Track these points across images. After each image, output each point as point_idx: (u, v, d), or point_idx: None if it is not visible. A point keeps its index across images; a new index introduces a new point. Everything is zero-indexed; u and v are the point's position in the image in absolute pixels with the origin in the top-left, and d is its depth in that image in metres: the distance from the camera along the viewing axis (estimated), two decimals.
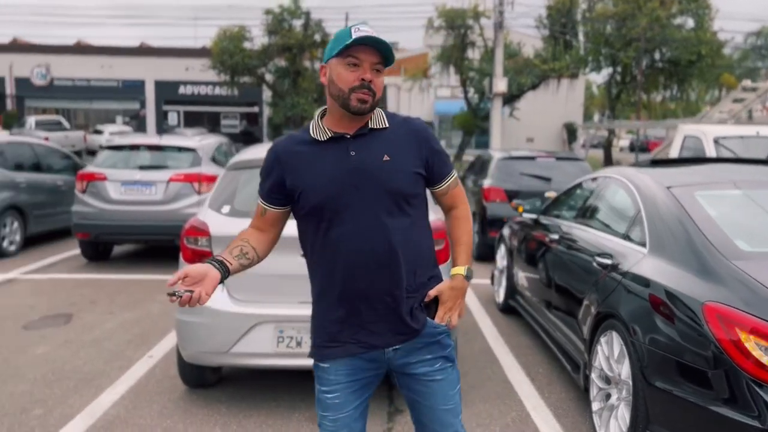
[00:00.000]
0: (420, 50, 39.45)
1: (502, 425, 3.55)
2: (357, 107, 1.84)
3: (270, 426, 3.50)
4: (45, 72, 36.90)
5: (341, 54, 1.84)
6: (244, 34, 29.58)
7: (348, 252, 1.87)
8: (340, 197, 1.86)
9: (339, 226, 1.87)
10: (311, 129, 1.94)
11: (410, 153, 1.93)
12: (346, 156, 1.88)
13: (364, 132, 1.91)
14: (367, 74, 1.83)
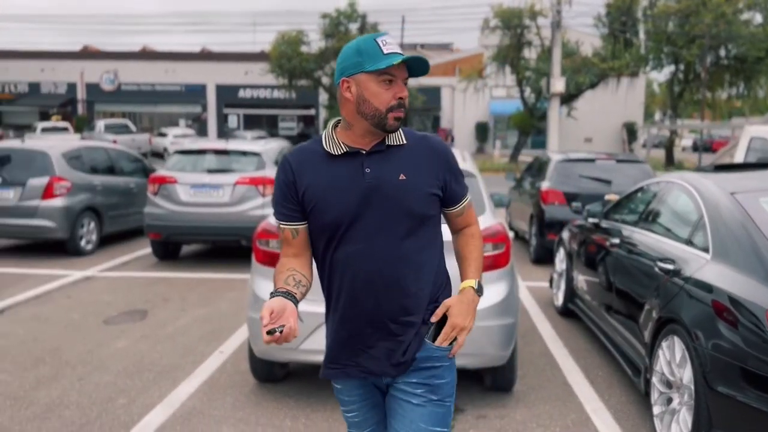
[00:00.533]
0: (475, 50, 39.27)
1: (563, 426, 3.62)
2: (393, 126, 1.77)
3: (336, 420, 3.67)
4: (113, 77, 38.52)
5: (375, 72, 1.74)
6: (302, 38, 30.16)
7: (356, 272, 1.80)
8: (352, 215, 1.79)
9: (349, 244, 1.80)
10: (324, 141, 1.85)
11: (427, 172, 1.84)
12: (361, 173, 1.79)
13: (381, 149, 1.82)
14: (404, 91, 1.78)
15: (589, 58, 26.41)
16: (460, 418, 3.69)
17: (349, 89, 1.78)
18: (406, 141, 1.86)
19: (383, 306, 1.80)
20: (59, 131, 30.62)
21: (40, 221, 8.00)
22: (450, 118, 38.90)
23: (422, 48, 47.92)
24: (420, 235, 1.83)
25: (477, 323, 3.56)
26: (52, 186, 8.04)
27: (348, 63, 1.78)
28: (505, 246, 3.76)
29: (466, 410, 3.80)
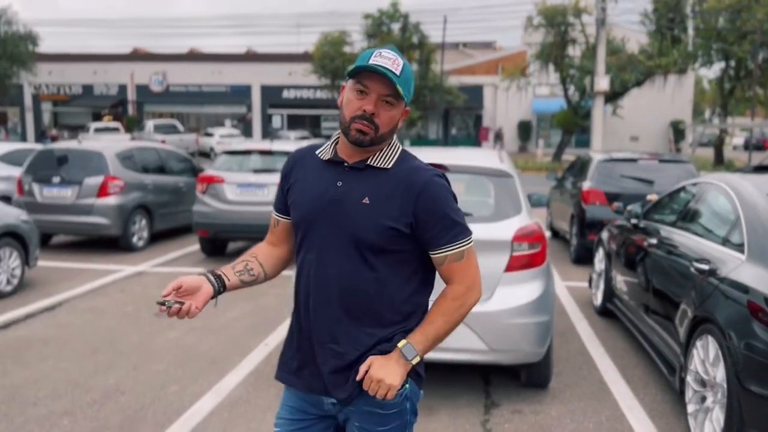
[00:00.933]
0: (518, 48, 38.95)
1: (596, 423, 3.69)
2: (354, 137, 1.68)
3: None
4: (162, 79, 39.57)
5: (353, 78, 1.70)
6: (345, 38, 30.47)
7: (308, 280, 1.76)
8: (314, 223, 1.75)
9: (308, 251, 1.77)
10: (324, 145, 1.84)
11: (395, 205, 1.69)
12: (333, 184, 1.74)
13: (360, 166, 1.74)
14: (370, 106, 1.66)
15: (635, 56, 25.94)
16: (496, 413, 3.79)
17: (342, 95, 1.75)
18: (391, 166, 1.74)
19: (322, 323, 1.74)
20: (111, 131, 31.69)
21: (96, 218, 8.39)
22: (492, 116, 38.68)
23: (464, 47, 47.75)
24: (372, 265, 1.71)
25: (513, 320, 3.69)
26: (107, 185, 8.42)
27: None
28: (541, 245, 3.84)
29: (501, 405, 3.90)
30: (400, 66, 1.67)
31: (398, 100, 1.69)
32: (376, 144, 1.71)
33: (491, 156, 4.54)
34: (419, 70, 30.70)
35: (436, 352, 3.71)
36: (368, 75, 1.66)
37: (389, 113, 1.69)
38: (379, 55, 1.67)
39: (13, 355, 4.73)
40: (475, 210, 4.10)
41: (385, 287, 1.72)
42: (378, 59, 1.66)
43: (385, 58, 1.67)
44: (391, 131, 1.72)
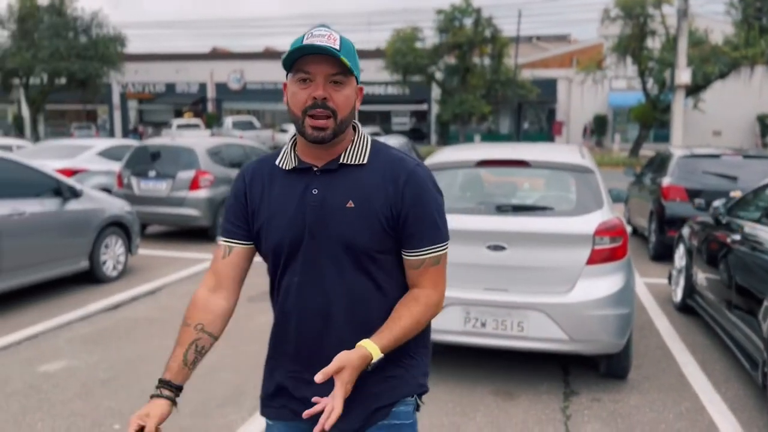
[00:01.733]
0: (593, 41, 38.01)
1: (676, 413, 3.77)
2: (312, 135, 1.49)
3: (457, 395, 4.01)
4: (239, 77, 40.94)
5: (291, 69, 1.51)
6: (417, 34, 30.65)
7: (293, 307, 1.59)
8: (294, 242, 1.56)
9: (290, 275, 1.59)
10: (280, 155, 1.63)
11: (382, 200, 1.53)
12: (308, 194, 1.55)
13: (333, 167, 1.56)
14: (319, 90, 1.47)
15: (719, 47, 24.90)
16: (575, 400, 3.93)
17: (286, 94, 1.56)
18: (367, 161, 1.57)
19: (316, 351, 1.57)
20: (192, 128, 33.11)
21: (188, 210, 8.95)
22: (566, 110, 37.96)
23: (538, 40, 46.98)
24: (370, 273, 1.56)
25: (594, 312, 3.81)
26: (198, 179, 8.96)
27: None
28: (623, 239, 3.93)
29: (580, 393, 4.02)
30: (337, 40, 1.48)
31: (347, 76, 1.50)
32: (338, 135, 1.52)
33: (572, 151, 4.64)
34: (491, 64, 30.52)
35: (517, 341, 3.90)
36: (307, 60, 1.47)
37: (343, 93, 1.50)
38: (311, 36, 1.48)
39: (124, 334, 5.20)
40: (557, 204, 4.23)
41: (386, 296, 1.59)
42: (311, 39, 1.47)
43: (318, 36, 1.48)
44: (350, 114, 1.53)
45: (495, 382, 4.18)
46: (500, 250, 3.92)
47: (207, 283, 1.66)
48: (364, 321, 1.57)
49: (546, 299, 3.85)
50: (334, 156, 1.57)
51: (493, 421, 3.65)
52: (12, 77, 35.24)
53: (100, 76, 35.83)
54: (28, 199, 5.89)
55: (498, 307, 3.91)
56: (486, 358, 4.51)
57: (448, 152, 4.88)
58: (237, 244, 1.64)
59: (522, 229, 3.94)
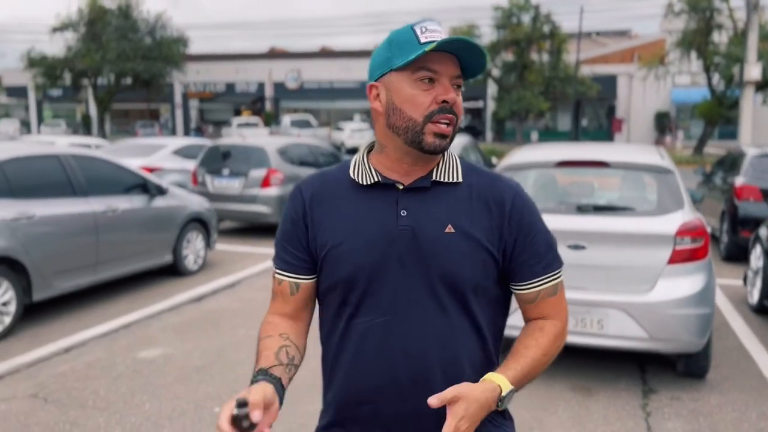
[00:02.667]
0: (656, 36, 37.05)
1: (759, 413, 3.78)
2: (434, 144, 1.28)
3: (536, 390, 4.12)
4: (297, 76, 41.67)
5: (408, 66, 1.27)
6: (473, 31, 30.56)
7: (376, 355, 1.31)
8: (377, 273, 1.30)
9: (368, 314, 1.32)
10: (352, 167, 1.38)
11: (487, 228, 1.32)
12: (393, 215, 1.31)
13: (425, 185, 1.33)
14: (450, 93, 1.27)
15: None
16: (654, 398, 3.98)
17: (378, 97, 1.33)
18: (462, 179, 1.35)
19: (406, 408, 1.31)
20: (251, 126, 33.92)
21: (259, 207, 9.29)
22: (626, 107, 37.15)
23: (598, 35, 46.07)
24: (471, 311, 1.33)
25: (674, 311, 3.85)
26: (269, 177, 9.29)
27: (377, 61, 1.33)
28: (704, 240, 3.96)
29: (659, 391, 4.08)
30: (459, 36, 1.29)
31: (465, 80, 1.33)
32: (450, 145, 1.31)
33: (651, 152, 4.67)
34: (550, 60, 30.16)
35: (596, 338, 3.98)
36: (432, 57, 1.26)
37: (461, 99, 1.32)
38: (427, 30, 1.27)
39: (211, 324, 5.51)
40: (637, 204, 4.29)
41: (484, 344, 1.36)
42: (432, 35, 1.26)
43: (435, 30, 1.28)
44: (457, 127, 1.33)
45: (573, 379, 4.27)
46: (580, 250, 4.01)
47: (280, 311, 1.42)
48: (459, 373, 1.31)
49: (626, 298, 3.92)
50: (423, 172, 1.33)
51: (574, 416, 3.75)
52: (81, 78, 36.90)
53: (164, 76, 37.13)
54: (119, 196, 6.28)
55: (577, 305, 3.99)
56: (563, 355, 4.58)
57: (526, 152, 4.96)
58: (304, 279, 1.39)
59: (602, 229, 4.02)
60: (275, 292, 1.43)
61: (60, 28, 35.89)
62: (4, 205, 5.08)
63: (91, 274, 5.87)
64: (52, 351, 4.76)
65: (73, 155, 5.99)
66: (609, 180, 5.04)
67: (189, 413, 3.77)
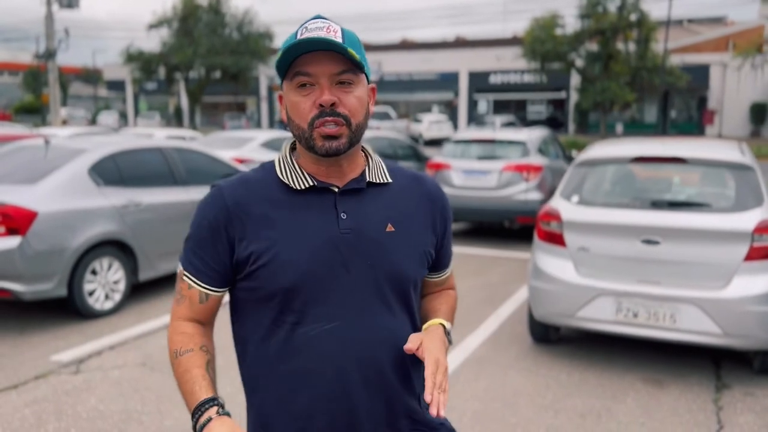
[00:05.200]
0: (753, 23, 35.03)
1: None
2: (324, 146, 1.25)
3: (606, 380, 4.23)
4: (377, 68, 42.09)
5: (288, 73, 1.27)
6: (557, 21, 29.93)
7: (323, 362, 1.28)
8: (322, 280, 1.28)
9: (315, 321, 1.28)
10: (280, 169, 1.34)
11: (422, 224, 1.39)
12: (333, 219, 1.30)
13: (361, 186, 1.34)
14: (326, 95, 1.23)
15: None
16: (727, 393, 4.01)
17: (283, 105, 1.33)
18: (390, 179, 1.38)
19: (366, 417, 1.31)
20: None
21: None
22: (719, 98, 35.38)
23: (690, 23, 44.00)
24: (410, 308, 1.38)
25: (751, 308, 3.88)
26: None
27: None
28: None
29: (732, 387, 4.10)
30: (338, 31, 1.25)
31: (357, 74, 1.27)
32: (354, 143, 1.29)
33: (731, 148, 4.65)
34: (637, 50, 29.16)
35: (668, 332, 4.05)
36: (305, 59, 1.24)
37: (354, 95, 1.26)
38: (306, 30, 1.25)
39: None
40: (714, 201, 4.30)
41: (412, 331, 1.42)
42: (307, 34, 1.24)
43: (315, 29, 1.24)
44: (366, 119, 1.30)
45: (644, 371, 4.35)
46: (654, 245, 4.08)
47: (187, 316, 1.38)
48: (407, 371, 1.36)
49: (700, 293, 3.96)
50: (352, 175, 1.34)
51: (643, 405, 3.85)
52: (174, 72, 38.75)
53: (250, 70, 38.44)
54: None
55: (651, 299, 4.07)
56: (635, 347, 4.67)
57: (602, 148, 5.03)
58: (214, 292, 1.35)
59: (677, 224, 4.07)
60: (183, 294, 1.37)
61: (156, 25, 37.82)
62: (115, 193, 5.64)
63: None
64: (156, 326, 5.27)
65: (174, 148, 6.52)
66: (687, 176, 5.03)
67: None
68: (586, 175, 4.69)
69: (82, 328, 5.22)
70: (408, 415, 1.37)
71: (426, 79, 41.33)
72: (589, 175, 4.69)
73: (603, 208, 4.37)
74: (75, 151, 5.71)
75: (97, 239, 5.37)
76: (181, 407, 3.81)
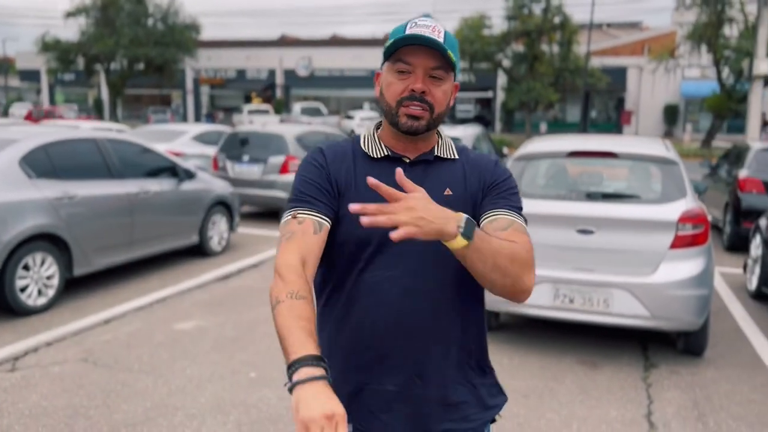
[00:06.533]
0: (666, 29, 37.06)
1: (751, 386, 4.11)
2: (406, 125, 1.44)
3: (546, 362, 4.46)
4: (308, 64, 41.88)
5: (391, 57, 1.45)
6: (484, 22, 30.68)
7: (381, 305, 1.46)
8: (386, 233, 1.35)
9: (377, 269, 1.46)
10: (363, 141, 1.55)
11: (474, 187, 1.53)
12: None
13: (429, 158, 1.53)
14: (418, 83, 1.42)
15: None
16: (655, 372, 4.32)
17: (379, 83, 1.52)
18: (458, 156, 1.57)
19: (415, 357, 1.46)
20: (262, 113, 34.17)
21: (278, 192, 9.62)
22: (635, 100, 37.24)
23: (609, 27, 46.03)
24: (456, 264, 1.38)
25: (675, 292, 4.18)
26: (288, 163, 9.61)
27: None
28: (704, 226, 4.27)
29: (659, 366, 4.41)
30: (441, 32, 1.44)
31: (448, 72, 1.45)
32: (431, 129, 1.48)
33: (657, 144, 4.98)
34: (560, 51, 30.29)
35: (602, 316, 4.31)
36: (408, 50, 1.42)
37: (441, 88, 1.45)
38: (415, 25, 1.43)
39: (239, 300, 5.86)
40: (642, 193, 4.60)
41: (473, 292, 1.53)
42: (415, 29, 1.42)
43: (423, 26, 1.43)
44: (446, 110, 1.50)
45: (580, 354, 4.61)
46: (589, 234, 4.33)
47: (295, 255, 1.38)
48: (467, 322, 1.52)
49: (631, 279, 4.24)
50: (426, 149, 1.53)
51: (581, 386, 4.09)
52: (94, 63, 37.21)
53: (176, 62, 37.41)
54: (151, 179, 6.63)
55: (585, 285, 4.32)
56: (571, 331, 4.93)
57: (538, 143, 5.27)
58: (326, 221, 1.45)
59: (610, 215, 4.34)
60: (293, 231, 1.41)
61: (74, 13, 36.19)
62: (48, 186, 5.43)
63: (126, 252, 6.24)
64: (93, 322, 5.13)
65: (108, 139, 6.33)
66: (617, 170, 5.35)
67: (227, 377, 4.13)
68: (524, 169, 4.91)
69: (15, 325, 5.02)
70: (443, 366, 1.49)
71: (357, 76, 41.42)
72: (527, 169, 4.91)
73: (541, 200, 4.59)
74: (4, 141, 5.46)
75: (29, 233, 5.16)
76: (129, 400, 3.75)
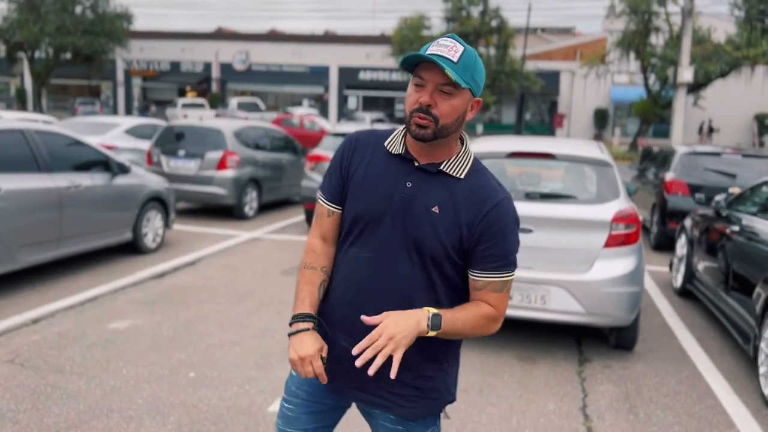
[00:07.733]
0: (598, 35, 38.42)
1: (677, 379, 4.32)
2: (415, 132, 1.63)
3: (485, 358, 4.54)
4: (245, 58, 41.15)
5: (412, 71, 1.65)
6: (424, 22, 31.00)
7: (358, 281, 1.71)
8: (377, 221, 1.70)
9: (360, 248, 1.72)
10: (392, 136, 1.78)
11: (461, 217, 1.65)
12: (402, 183, 1.69)
13: (432, 170, 1.69)
14: (425, 97, 1.60)
15: (722, 46, 25.40)
16: (588, 366, 4.47)
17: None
18: (463, 177, 1.69)
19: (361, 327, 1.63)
20: (197, 107, 33.38)
21: (215, 189, 9.42)
22: (568, 103, 38.43)
23: (543, 32, 47.31)
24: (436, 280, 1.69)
25: (608, 289, 4.34)
26: (225, 159, 9.42)
27: None
28: (636, 226, 4.46)
29: (593, 360, 4.57)
30: (458, 53, 1.59)
31: (458, 88, 1.61)
32: (439, 138, 1.64)
33: (592, 146, 5.16)
34: (497, 54, 30.92)
35: (539, 312, 4.43)
36: (424, 66, 1.61)
37: (449, 103, 1.61)
38: (437, 44, 1.61)
39: (176, 298, 5.71)
40: (578, 193, 4.75)
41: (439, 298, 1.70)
42: (434, 48, 1.60)
43: (442, 46, 1.60)
44: (455, 123, 1.64)
45: (518, 349, 4.72)
46: (527, 233, 4.43)
47: (317, 234, 1.82)
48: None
49: (566, 276, 4.38)
50: (436, 160, 1.68)
51: (518, 381, 4.19)
52: (17, 50, 35.37)
53: (106, 53, 35.99)
54: (82, 173, 6.36)
55: (523, 283, 4.43)
56: (509, 328, 5.05)
57: (477, 144, 5.37)
58: (337, 209, 1.78)
59: (547, 214, 4.46)
60: (319, 212, 1.82)
61: None
62: None
63: (55, 248, 5.97)
64: (20, 322, 4.89)
65: (36, 131, 6.04)
66: (554, 171, 5.51)
67: (166, 377, 4.02)
68: None
69: None
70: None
71: (296, 72, 41.03)
72: None
73: None
74: None
75: None
76: (61, 403, 3.60)
